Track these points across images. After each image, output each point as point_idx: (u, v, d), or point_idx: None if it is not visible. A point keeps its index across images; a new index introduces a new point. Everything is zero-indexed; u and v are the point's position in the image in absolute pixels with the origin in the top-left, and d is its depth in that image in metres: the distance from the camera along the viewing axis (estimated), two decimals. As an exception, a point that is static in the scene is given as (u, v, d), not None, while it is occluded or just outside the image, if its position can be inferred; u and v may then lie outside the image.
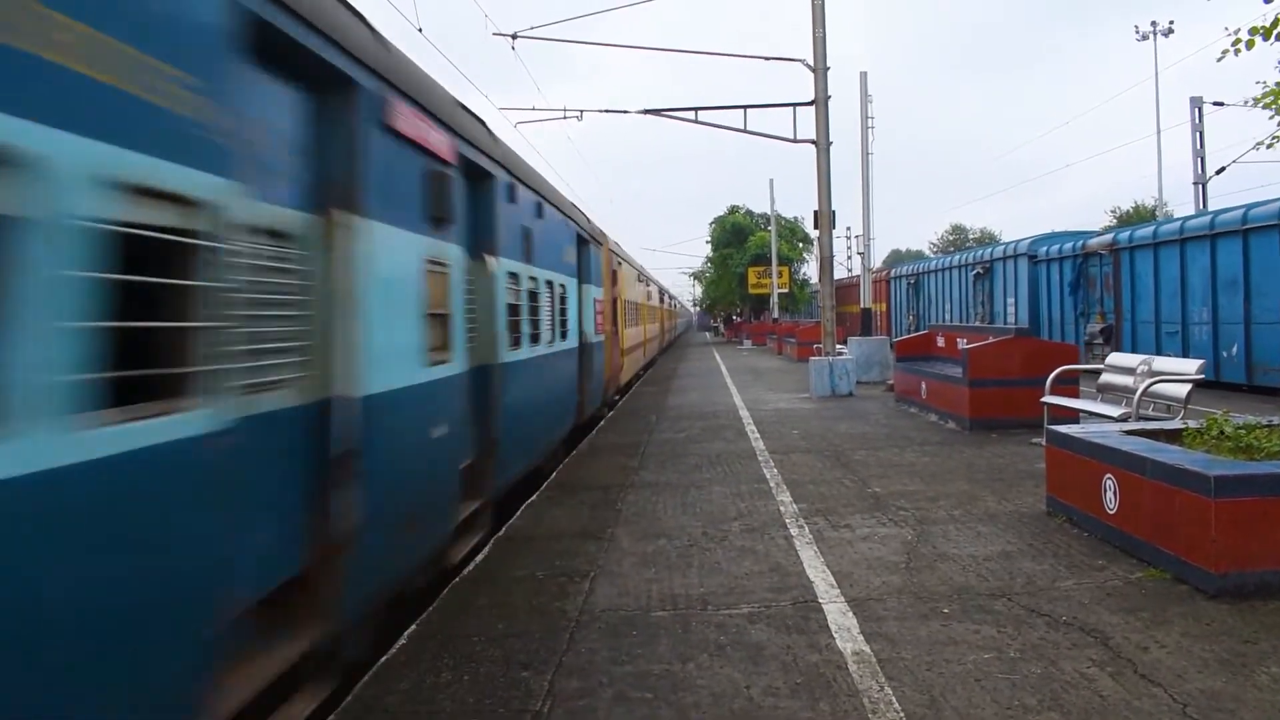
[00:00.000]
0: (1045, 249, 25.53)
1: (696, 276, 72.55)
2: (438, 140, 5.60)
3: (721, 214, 59.86)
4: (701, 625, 5.13)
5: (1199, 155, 28.11)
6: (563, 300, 11.23)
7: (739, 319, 62.60)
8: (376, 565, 4.59)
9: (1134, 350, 18.78)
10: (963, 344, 13.63)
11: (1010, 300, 27.56)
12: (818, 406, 16.72)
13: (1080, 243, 23.31)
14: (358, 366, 4.24)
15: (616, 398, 18.98)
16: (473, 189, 7.15)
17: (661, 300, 42.48)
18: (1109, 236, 22.08)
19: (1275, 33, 7.24)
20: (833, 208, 19.27)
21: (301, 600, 3.94)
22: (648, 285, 30.85)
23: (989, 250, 30.50)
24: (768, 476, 9.62)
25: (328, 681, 4.16)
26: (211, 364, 2.97)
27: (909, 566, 6.12)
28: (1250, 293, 16.54)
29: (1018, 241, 27.84)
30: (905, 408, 15.62)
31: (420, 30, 13.81)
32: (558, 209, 11.23)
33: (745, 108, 20.08)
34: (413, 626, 5.36)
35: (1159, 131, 37.56)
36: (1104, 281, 22.00)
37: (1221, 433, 6.53)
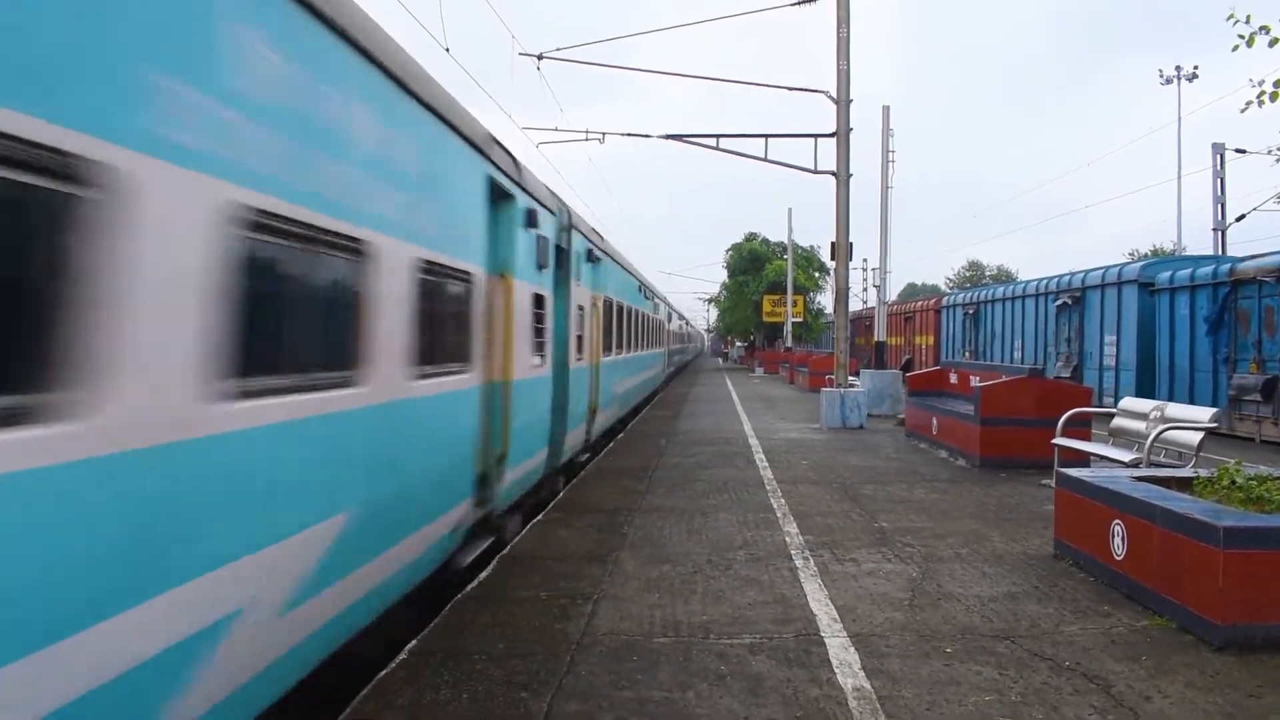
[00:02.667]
0: (1168, 274, 20.12)
1: (713, 301, 72.64)
2: None
3: (739, 241, 60.11)
4: (703, 654, 5.12)
5: (1219, 201, 28.04)
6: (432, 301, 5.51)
7: (754, 346, 62.64)
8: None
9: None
10: (975, 381, 13.61)
11: (1110, 338, 22.09)
12: (828, 438, 16.69)
13: (1227, 266, 18.21)
14: None
15: (586, 458, 13.28)
16: None
17: (669, 320, 36.34)
18: (1274, 258, 17.24)
19: None
20: (850, 239, 19.33)
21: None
22: (648, 297, 24.14)
23: (1080, 275, 24.45)
24: (775, 506, 9.60)
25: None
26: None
27: (913, 604, 6.10)
28: None
29: (1122, 265, 22.85)
30: (915, 443, 15.57)
31: (448, 50, 13.97)
32: (425, 107, 5.39)
33: (767, 136, 20.19)
34: (413, 642, 5.38)
35: (1180, 176, 37.48)
36: (1264, 318, 16.97)
37: (1233, 482, 6.49)
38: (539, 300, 8.94)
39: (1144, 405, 9.93)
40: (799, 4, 18.56)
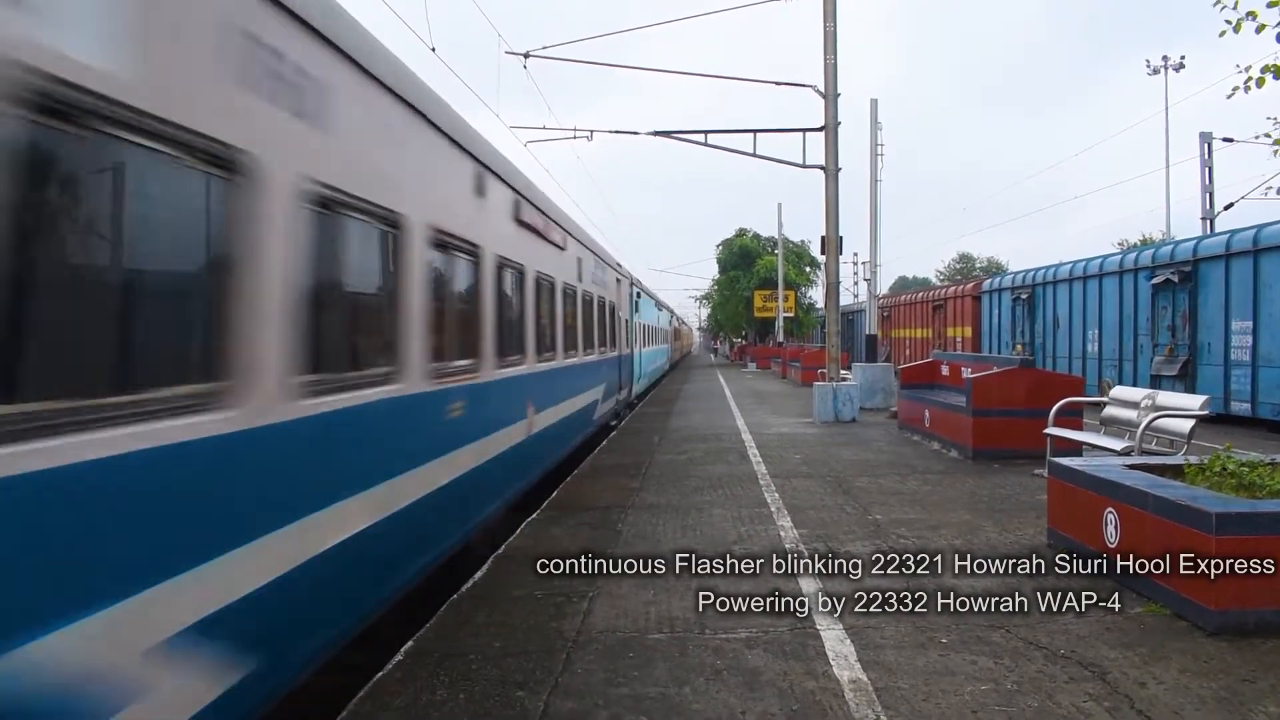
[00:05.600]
0: None
1: (705, 297, 72.50)
2: None
3: (729, 236, 60.01)
4: (698, 649, 5.12)
5: (1208, 190, 28.14)
6: None
7: (745, 342, 62.65)
8: None
9: None
10: (967, 373, 13.64)
11: (1242, 324, 16.67)
12: (821, 432, 16.70)
13: None
14: None
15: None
16: None
17: (635, 306, 24.43)
18: None
19: None
20: (840, 234, 19.33)
21: None
22: (577, 253, 13.00)
23: (1189, 244, 19.00)
24: (769, 501, 9.61)
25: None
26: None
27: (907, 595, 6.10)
28: None
29: (1258, 228, 16.72)
30: (908, 435, 15.60)
31: (434, 50, 13.93)
32: None
33: (755, 132, 20.11)
34: (409, 643, 5.37)
35: (1168, 166, 37.53)
36: None
37: (1224, 469, 6.52)
38: None
39: (1135, 394, 9.98)
40: (785, -2, 18.56)
